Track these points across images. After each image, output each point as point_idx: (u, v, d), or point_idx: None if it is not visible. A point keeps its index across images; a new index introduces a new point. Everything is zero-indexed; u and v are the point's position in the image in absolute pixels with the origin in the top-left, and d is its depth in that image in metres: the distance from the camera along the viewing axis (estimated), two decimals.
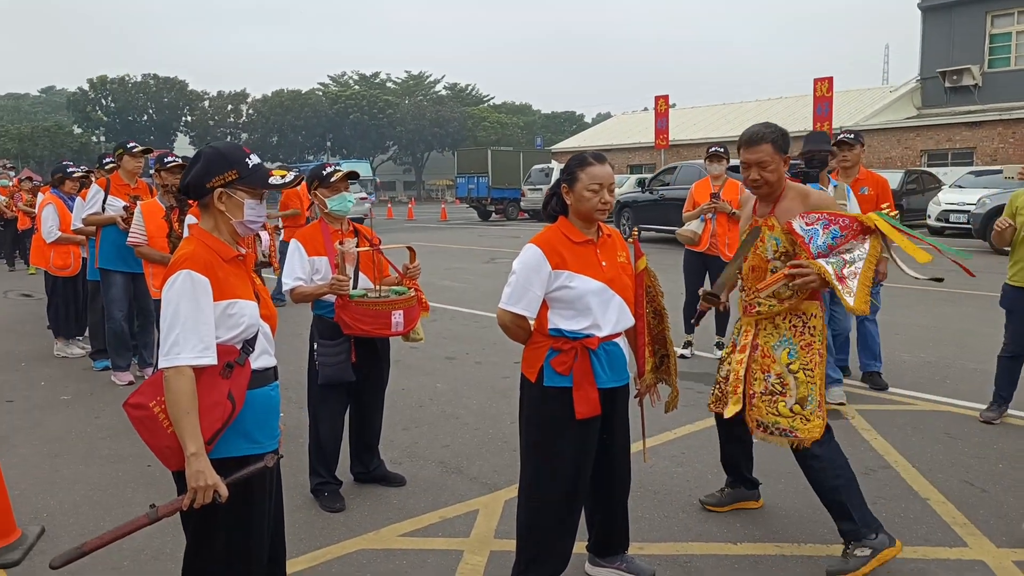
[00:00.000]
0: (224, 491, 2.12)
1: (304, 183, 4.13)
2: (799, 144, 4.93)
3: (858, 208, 4.96)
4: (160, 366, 2.11)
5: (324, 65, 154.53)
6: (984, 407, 5.03)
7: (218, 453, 2.18)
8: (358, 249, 3.79)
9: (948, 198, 16.56)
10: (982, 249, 13.47)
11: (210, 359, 2.13)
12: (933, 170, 22.04)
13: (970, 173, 18.26)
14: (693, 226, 6.57)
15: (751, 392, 3.20)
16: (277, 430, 2.37)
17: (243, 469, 2.20)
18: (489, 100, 73.64)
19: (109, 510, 3.81)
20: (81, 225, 6.27)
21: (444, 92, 71.49)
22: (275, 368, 2.39)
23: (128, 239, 5.42)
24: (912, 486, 3.94)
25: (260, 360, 2.30)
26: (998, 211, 13.73)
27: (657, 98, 29.42)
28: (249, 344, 2.26)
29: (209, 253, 2.21)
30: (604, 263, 2.81)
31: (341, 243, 3.71)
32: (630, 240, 3.10)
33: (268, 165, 2.55)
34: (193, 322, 2.11)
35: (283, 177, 2.32)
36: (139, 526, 2.17)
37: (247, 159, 2.27)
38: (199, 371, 2.12)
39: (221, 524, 2.24)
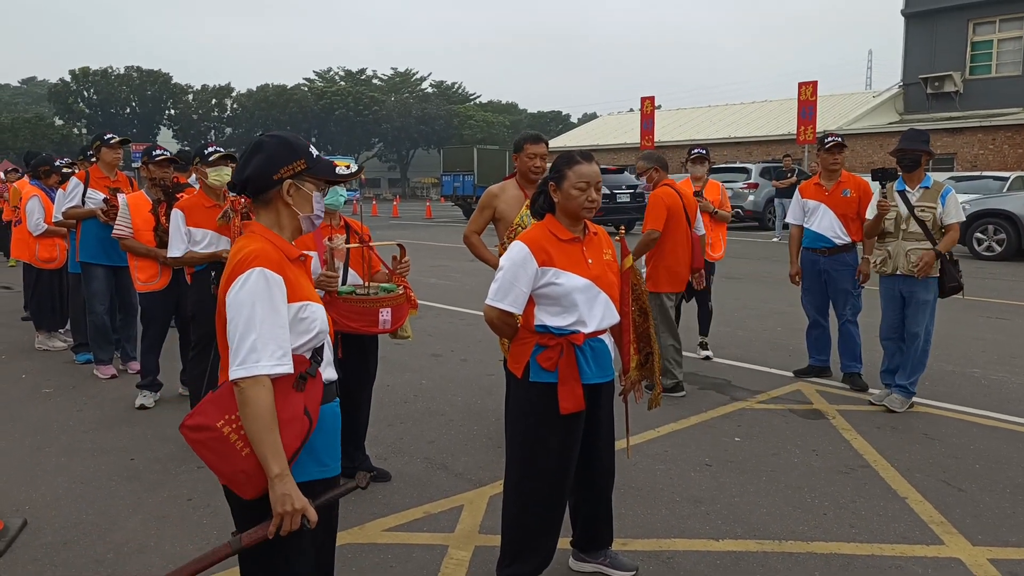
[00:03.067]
0: (313, 515, 1.91)
1: None
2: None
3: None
4: (236, 376, 1.86)
5: (310, 60, 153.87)
6: (959, 407, 5.13)
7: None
8: (347, 246, 3.79)
9: None
10: (962, 255, 13.64)
11: (288, 367, 1.90)
12: None
13: (951, 178, 18.48)
14: None
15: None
16: (340, 450, 2.18)
17: (332, 490, 2.01)
18: (475, 99, 73.62)
19: (92, 503, 3.80)
20: (61, 218, 6.20)
21: (430, 90, 71.40)
22: (337, 382, 2.18)
23: (114, 231, 5.38)
24: (891, 485, 4.00)
25: (326, 372, 2.09)
26: (978, 216, 13.94)
27: (643, 99, 29.54)
28: (318, 353, 2.05)
29: (277, 251, 1.99)
30: (590, 260, 2.84)
31: (330, 239, 3.72)
32: (616, 238, 3.13)
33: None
34: (270, 326, 1.88)
35: (348, 168, 2.20)
36: (220, 557, 1.97)
37: (311, 148, 2.09)
38: (273, 383, 1.90)
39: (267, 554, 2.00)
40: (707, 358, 6.67)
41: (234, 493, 1.97)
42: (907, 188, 5.15)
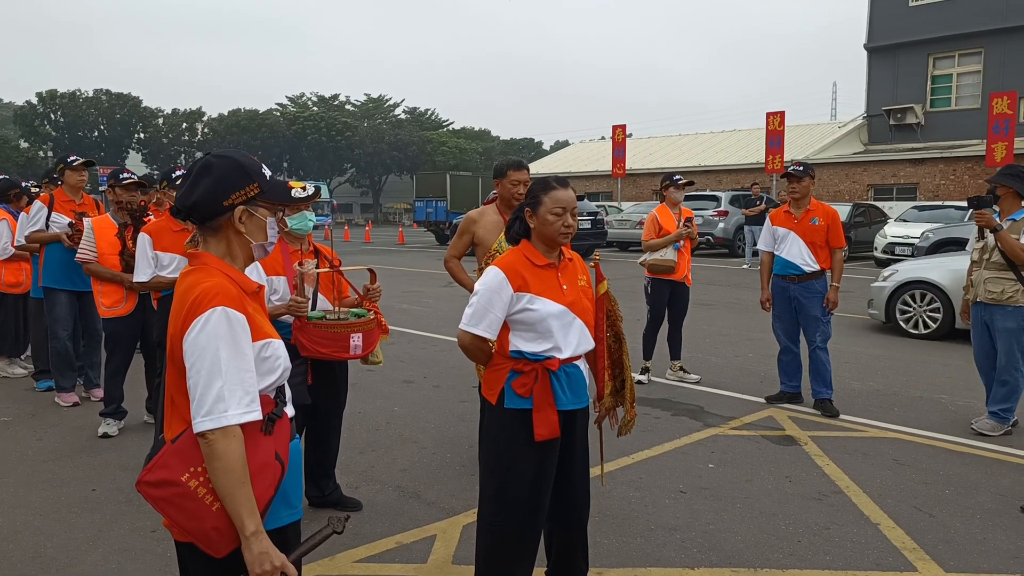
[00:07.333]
0: (293, 572, 1.77)
1: None
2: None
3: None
4: (202, 428, 1.70)
5: (282, 85, 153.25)
6: (929, 433, 5.17)
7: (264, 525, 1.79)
8: (318, 270, 3.75)
9: (893, 231, 17.05)
10: None
11: (258, 413, 1.76)
12: (879, 204, 22.81)
13: (914, 208, 18.89)
14: (669, 255, 6.62)
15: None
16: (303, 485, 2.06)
17: (307, 540, 1.86)
18: (448, 125, 73.94)
19: (51, 536, 3.67)
20: (24, 242, 6.05)
21: (403, 116, 71.59)
22: (296, 417, 2.06)
23: (77, 255, 5.27)
24: (863, 511, 4.01)
25: (287, 409, 1.96)
26: (941, 244, 14.22)
27: (615, 127, 29.88)
28: (281, 392, 1.91)
29: (235, 286, 1.82)
30: (565, 286, 2.83)
31: (300, 264, 3.67)
32: (591, 264, 3.12)
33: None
34: (236, 370, 1.73)
35: (303, 190, 2.06)
36: None
37: (263, 169, 1.92)
38: (242, 429, 1.76)
39: None
40: (695, 381, 6.68)
41: (196, 551, 1.80)
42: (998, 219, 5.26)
